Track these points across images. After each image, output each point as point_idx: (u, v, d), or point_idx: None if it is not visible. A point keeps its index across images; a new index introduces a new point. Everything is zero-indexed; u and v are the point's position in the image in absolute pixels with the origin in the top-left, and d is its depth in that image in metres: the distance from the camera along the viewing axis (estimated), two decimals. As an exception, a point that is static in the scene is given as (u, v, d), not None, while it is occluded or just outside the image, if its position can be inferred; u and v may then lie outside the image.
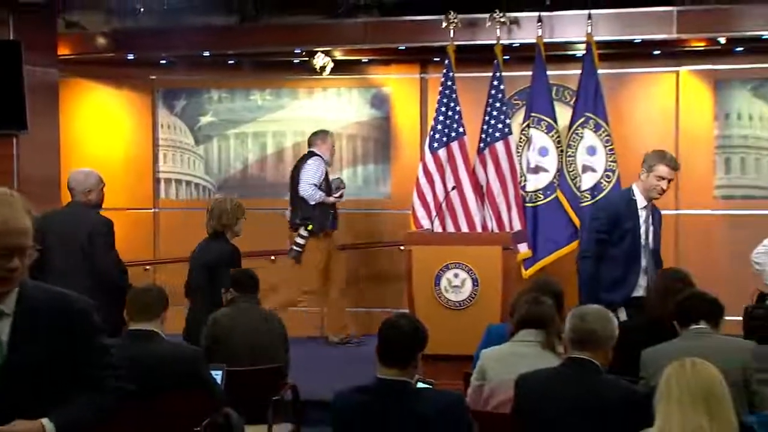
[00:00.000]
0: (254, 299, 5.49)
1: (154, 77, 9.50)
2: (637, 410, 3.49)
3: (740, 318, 4.84)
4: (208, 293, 5.90)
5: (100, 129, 9.44)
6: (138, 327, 4.48)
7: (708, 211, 8.57)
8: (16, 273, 2.54)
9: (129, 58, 8.92)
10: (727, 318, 4.39)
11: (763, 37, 7.88)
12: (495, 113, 7.59)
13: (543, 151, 7.63)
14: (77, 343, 2.64)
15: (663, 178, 5.86)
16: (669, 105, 8.71)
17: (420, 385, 3.81)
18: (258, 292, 5.53)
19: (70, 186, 6.02)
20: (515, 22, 7.86)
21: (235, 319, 5.33)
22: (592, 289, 5.76)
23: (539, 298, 4.41)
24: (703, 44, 8.36)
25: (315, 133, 8.39)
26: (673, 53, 8.57)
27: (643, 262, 5.90)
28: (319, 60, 8.59)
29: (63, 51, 8.64)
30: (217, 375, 4.76)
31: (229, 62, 9.21)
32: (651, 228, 5.99)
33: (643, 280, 5.94)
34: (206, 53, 8.80)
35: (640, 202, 5.93)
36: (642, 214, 5.93)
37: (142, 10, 8.63)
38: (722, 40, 8.13)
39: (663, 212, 6.45)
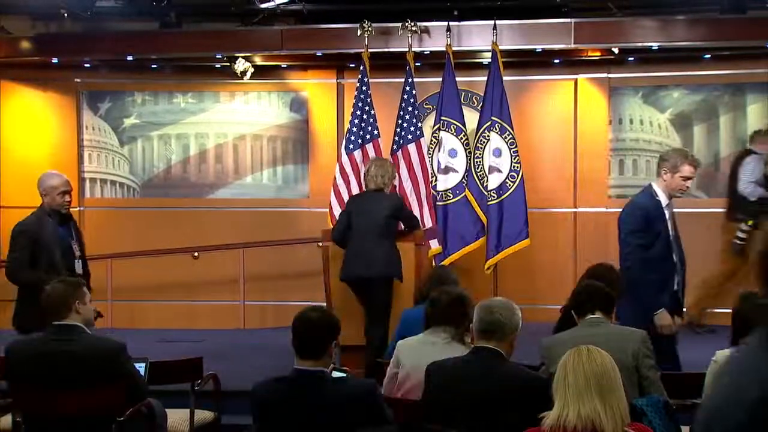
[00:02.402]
0: None
1: (78, 80, 9.26)
2: (538, 395, 3.53)
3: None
4: (389, 233, 6.42)
5: (26, 130, 9.20)
6: (60, 321, 4.35)
7: (602, 209, 8.74)
8: None
9: (54, 61, 8.69)
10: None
11: (653, 47, 8.07)
12: (407, 117, 7.61)
13: (452, 153, 7.68)
14: None
15: (689, 178, 5.36)
16: (568, 110, 8.86)
17: (335, 373, 3.80)
18: None
19: None
20: (426, 31, 7.90)
21: None
22: (645, 295, 5.21)
23: (452, 294, 4.41)
24: (598, 54, 8.53)
25: (756, 132, 8.05)
26: (571, 62, 8.73)
27: (674, 257, 5.42)
28: (240, 65, 8.49)
29: (-12, 54, 8.39)
30: (141, 367, 4.67)
31: (152, 66, 9.04)
32: (673, 221, 5.50)
33: (678, 276, 5.45)
34: (129, 57, 8.62)
35: (663, 200, 5.40)
36: (666, 212, 5.42)
37: (66, 14, 8.39)
38: (615, 50, 8.32)
39: (562, 210, 6.49)
